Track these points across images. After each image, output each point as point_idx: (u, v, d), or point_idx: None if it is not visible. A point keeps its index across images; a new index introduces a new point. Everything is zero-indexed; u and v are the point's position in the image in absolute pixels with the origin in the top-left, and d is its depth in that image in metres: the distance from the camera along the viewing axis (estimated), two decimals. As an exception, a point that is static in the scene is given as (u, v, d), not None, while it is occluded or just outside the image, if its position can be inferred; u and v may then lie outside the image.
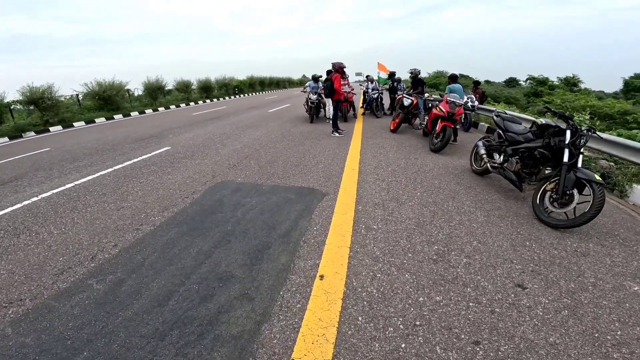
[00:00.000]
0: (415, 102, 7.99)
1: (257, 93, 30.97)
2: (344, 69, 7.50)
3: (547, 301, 2.25)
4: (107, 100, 16.53)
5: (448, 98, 6.15)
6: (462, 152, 6.25)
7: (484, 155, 4.54)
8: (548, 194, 3.49)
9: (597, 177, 3.12)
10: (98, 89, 16.43)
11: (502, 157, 4.25)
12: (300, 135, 7.89)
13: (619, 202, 4.22)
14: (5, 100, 13.72)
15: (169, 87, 22.99)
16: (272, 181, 4.74)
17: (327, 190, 4.30)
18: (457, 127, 6.85)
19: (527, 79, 38.93)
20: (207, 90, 24.00)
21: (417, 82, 8.57)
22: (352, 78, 16.41)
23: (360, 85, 11.79)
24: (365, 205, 3.83)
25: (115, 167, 5.81)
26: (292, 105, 16.28)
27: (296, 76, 43.12)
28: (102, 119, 14.88)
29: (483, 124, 9.12)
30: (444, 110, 5.93)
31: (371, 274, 2.57)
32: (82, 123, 13.95)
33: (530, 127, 4.07)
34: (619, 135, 7.33)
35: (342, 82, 10.12)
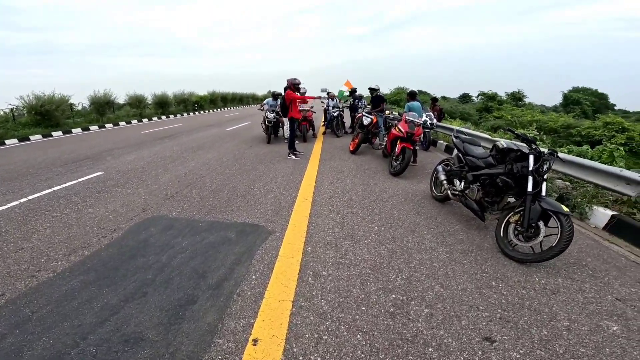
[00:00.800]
0: (374, 120, 7.74)
1: (219, 109, 29.96)
2: (298, 85, 7.07)
3: (518, 356, 1.96)
4: (45, 115, 14.94)
5: (407, 117, 5.92)
6: (422, 175, 6.01)
7: (444, 182, 4.25)
8: (512, 225, 3.22)
9: (564, 208, 2.87)
10: (35, 103, 14.83)
11: (462, 183, 3.97)
12: (254, 157, 7.32)
13: (580, 225, 4.09)
14: None
15: (121, 101, 21.53)
16: (212, 216, 4.12)
17: (274, 227, 3.76)
18: (417, 147, 6.63)
19: (478, 95, 41.26)
20: (163, 105, 22.73)
21: (377, 99, 8.38)
22: (317, 94, 16.13)
23: (322, 102, 11.46)
24: (315, 245, 3.35)
25: (31, 197, 4.88)
26: (252, 123, 15.68)
27: (263, 91, 42.43)
28: (39, 136, 13.35)
29: (442, 142, 9.10)
30: (402, 130, 5.67)
31: (316, 336, 2.11)
32: (14, 141, 12.39)
33: (491, 151, 3.80)
34: (569, 152, 7.53)
35: (300, 100, 9.78)
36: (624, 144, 14.94)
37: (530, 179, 3.04)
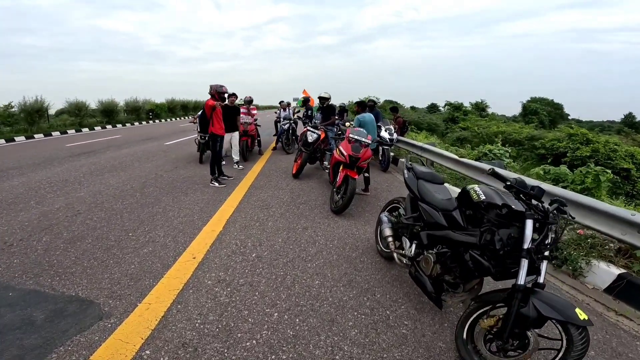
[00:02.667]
0: (322, 136, 6.48)
1: (178, 118, 27.85)
2: (224, 94, 5.67)
3: None
4: (-48, 125, 12.68)
5: (350, 135, 4.64)
6: (373, 209, 4.76)
7: (390, 240, 2.96)
8: (483, 330, 1.98)
9: (580, 314, 1.66)
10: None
11: (413, 246, 2.64)
12: (167, 184, 5.81)
13: (575, 286, 2.97)
14: None
15: (59, 108, 19.24)
16: (37, 281, 2.72)
17: (114, 308, 2.43)
18: (366, 174, 5.39)
19: (445, 105, 41.57)
20: (110, 114, 20.53)
21: (327, 111, 7.13)
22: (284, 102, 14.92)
23: (275, 112, 10.10)
24: (160, 348, 1.99)
25: None
26: (203, 135, 14.06)
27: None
28: None
29: (403, 160, 7.96)
30: (344, 153, 4.39)
31: None
32: None
33: (460, 199, 2.34)
34: (545, 173, 6.61)
35: (244, 112, 8.39)
36: (589, 157, 14.63)
37: (524, 264, 1.75)
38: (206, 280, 2.83)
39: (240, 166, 7.18)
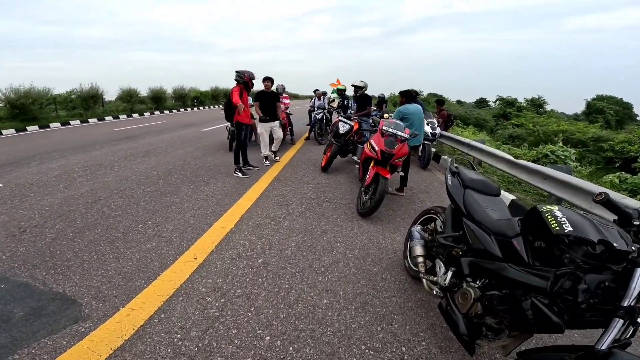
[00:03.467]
0: (355, 127, 5.94)
1: (220, 105, 28.57)
2: (252, 80, 5.35)
3: None
4: (20, 109, 13.90)
5: (384, 127, 4.05)
6: (405, 214, 4.17)
7: (420, 261, 2.40)
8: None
9: None
10: (12, 97, 13.82)
11: (449, 274, 2.05)
12: (192, 172, 5.65)
13: None
14: None
15: (114, 95, 20.48)
16: (32, 274, 2.60)
17: (94, 310, 2.24)
18: (402, 173, 4.76)
19: (496, 100, 38.35)
20: (158, 101, 21.49)
21: (363, 100, 6.53)
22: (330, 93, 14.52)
23: (310, 101, 9.65)
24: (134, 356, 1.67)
25: None
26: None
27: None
28: (12, 131, 12.24)
29: (446, 157, 7.16)
30: (376, 148, 3.83)
31: None
32: None
33: (528, 221, 1.65)
34: (622, 181, 5.50)
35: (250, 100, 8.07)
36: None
37: (619, 324, 1.17)
38: (200, 286, 2.51)
39: (267, 162, 6.35)
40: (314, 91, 9.80)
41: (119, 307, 2.23)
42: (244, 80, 5.25)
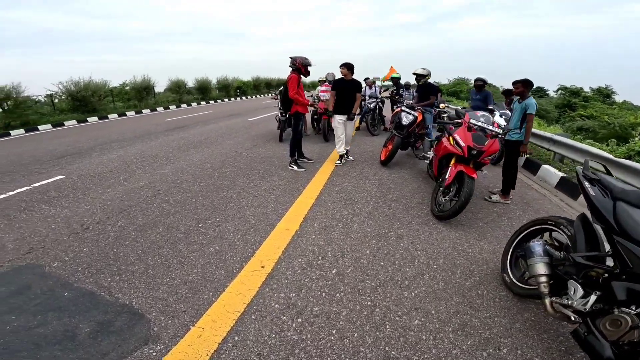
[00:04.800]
0: (419, 119, 5.37)
1: (262, 95, 28.74)
2: (308, 67, 4.93)
3: None
4: (81, 101, 14.79)
5: (471, 120, 3.48)
6: (488, 217, 3.61)
7: (543, 281, 1.90)
8: None
9: None
10: (73, 89, 14.74)
11: (592, 298, 1.62)
12: (245, 164, 5.44)
13: None
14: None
15: (163, 86, 21.23)
16: (96, 281, 2.47)
17: (165, 326, 2.01)
18: (512, 170, 4.08)
19: (558, 89, 34.78)
20: (204, 91, 21.98)
21: (425, 89, 5.91)
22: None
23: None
24: None
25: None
26: (285, 112, 13.88)
27: (310, 78, 39.69)
28: (73, 122, 13.08)
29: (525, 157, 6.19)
30: (462, 143, 3.29)
31: None
32: (48, 126, 12.17)
33: None
34: None
35: (324, 89, 7.63)
36: None
37: None
38: (273, 302, 2.20)
39: (339, 162, 5.47)
40: (365, 79, 9.21)
41: (188, 325, 1.98)
42: (296, 66, 4.82)
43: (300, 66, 4.79)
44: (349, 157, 5.76)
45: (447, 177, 3.37)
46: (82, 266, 2.63)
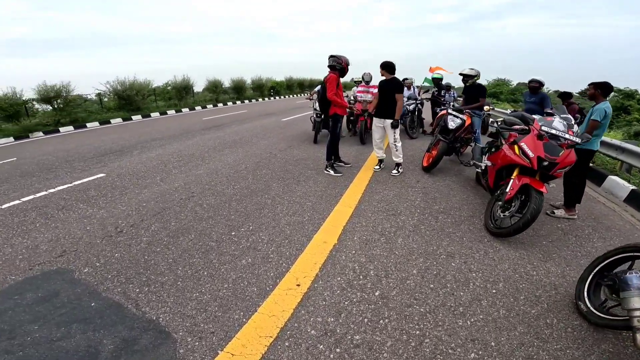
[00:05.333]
0: (468, 123, 4.92)
1: (295, 95, 28.81)
2: (347, 67, 4.58)
3: None
4: (127, 100, 15.53)
5: (543, 127, 3.02)
6: (551, 235, 3.15)
7: (638, 316, 1.55)
8: None
9: None
10: (119, 89, 15.52)
11: None
12: (280, 167, 5.28)
13: None
14: (23, 98, 13.11)
15: (201, 86, 21.87)
16: (126, 289, 2.37)
17: (192, 348, 1.84)
18: (575, 180, 3.56)
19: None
20: (240, 91, 22.39)
21: (473, 91, 5.43)
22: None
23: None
24: None
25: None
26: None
27: (343, 79, 39.10)
28: (119, 120, 13.76)
29: (610, 173, 5.09)
30: (530, 153, 2.87)
31: None
32: (96, 124, 12.88)
33: None
34: None
35: (362, 89, 7.31)
36: None
37: None
38: (309, 327, 1.96)
39: (377, 167, 5.10)
40: (403, 80, 8.77)
41: (217, 349, 1.80)
42: (342, 66, 4.52)
43: (345, 66, 4.52)
44: (394, 172, 4.92)
45: (508, 190, 2.95)
46: (112, 273, 2.55)
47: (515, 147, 2.96)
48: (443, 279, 2.46)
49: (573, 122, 3.86)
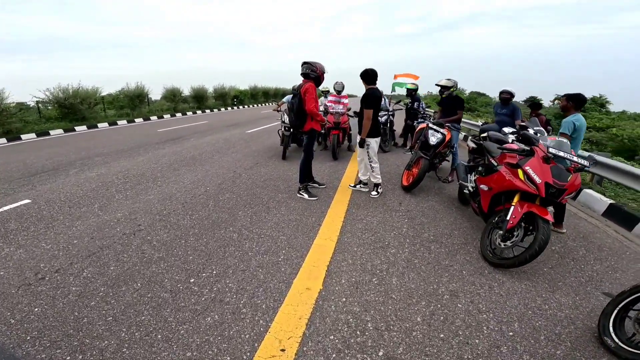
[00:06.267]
0: (448, 137, 4.69)
1: (260, 104, 28.10)
2: (323, 75, 4.13)
3: None
4: (69, 109, 13.96)
5: (552, 148, 2.66)
6: (553, 260, 2.90)
7: None
8: None
9: None
10: (61, 96, 13.92)
11: None
12: (247, 189, 4.68)
13: None
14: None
15: (159, 94, 20.52)
16: (52, 356, 1.61)
17: None
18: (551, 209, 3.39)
19: (554, 99, 34.80)
20: (200, 100, 21.28)
21: (451, 102, 5.22)
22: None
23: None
24: None
25: None
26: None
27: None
28: (60, 131, 12.23)
29: (590, 191, 4.83)
30: (537, 179, 2.55)
31: None
32: (32, 135, 11.30)
33: None
34: None
35: (333, 99, 6.95)
36: None
37: None
38: None
39: (377, 191, 4.47)
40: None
41: None
42: (317, 74, 4.03)
43: (320, 74, 4.05)
44: (370, 193, 4.50)
45: (509, 217, 2.63)
46: (32, 334, 1.87)
47: (519, 171, 2.66)
48: (452, 325, 2.07)
49: (546, 134, 3.71)
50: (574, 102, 3.44)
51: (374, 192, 4.44)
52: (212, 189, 4.64)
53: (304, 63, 4.01)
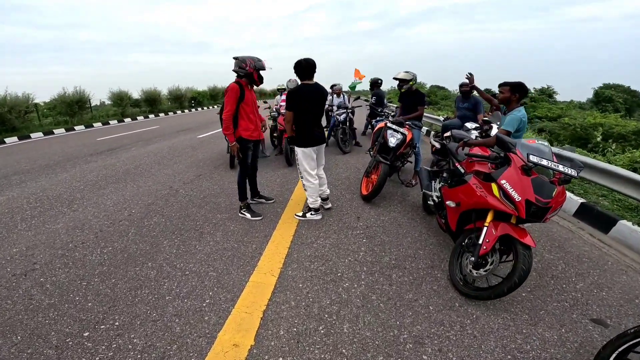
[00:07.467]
0: (409, 137, 4.25)
1: (219, 106, 26.81)
2: (261, 71, 3.40)
3: None
4: (-3, 118, 12.31)
5: (533, 156, 2.10)
6: (531, 284, 2.50)
7: None
8: None
9: None
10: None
11: None
12: (182, 208, 3.97)
13: None
14: None
15: (105, 99, 18.84)
16: None
17: None
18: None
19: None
20: (153, 103, 19.78)
21: (411, 97, 4.77)
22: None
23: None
24: None
25: None
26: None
27: (271, 86, 38.02)
28: None
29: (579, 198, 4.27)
30: (516, 197, 2.04)
31: None
32: None
33: None
34: None
35: (281, 99, 6.35)
36: None
37: None
38: None
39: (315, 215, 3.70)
40: (331, 87, 8.05)
41: None
42: (246, 71, 3.31)
43: (251, 70, 3.31)
44: (327, 206, 3.94)
45: (481, 241, 2.17)
46: None
47: (493, 185, 2.19)
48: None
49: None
50: (520, 93, 2.96)
51: (299, 213, 3.71)
52: (138, 212, 3.88)
53: (234, 58, 3.36)
